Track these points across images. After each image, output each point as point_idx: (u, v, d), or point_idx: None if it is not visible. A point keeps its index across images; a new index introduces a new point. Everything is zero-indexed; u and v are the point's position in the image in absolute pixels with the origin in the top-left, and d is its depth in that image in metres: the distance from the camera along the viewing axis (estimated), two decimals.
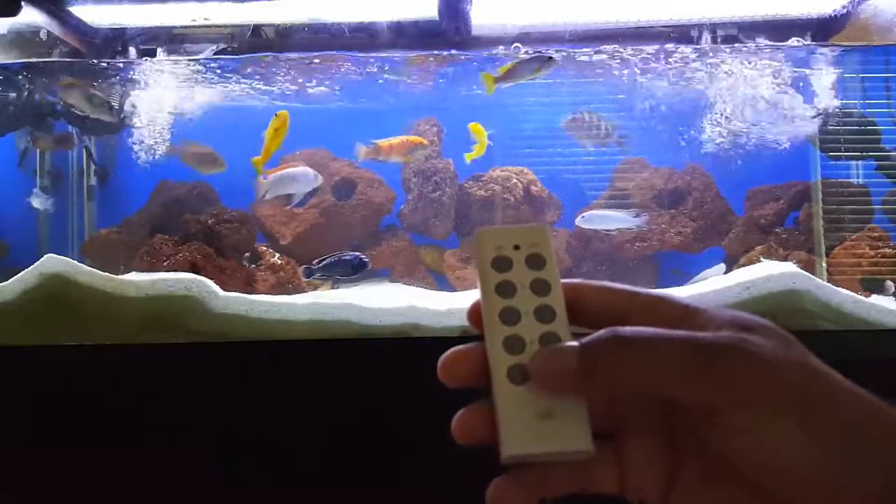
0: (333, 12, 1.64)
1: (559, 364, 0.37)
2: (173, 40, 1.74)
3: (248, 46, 1.73)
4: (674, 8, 1.62)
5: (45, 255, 1.26)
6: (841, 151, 1.88)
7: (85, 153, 2.15)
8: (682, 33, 1.72)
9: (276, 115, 1.72)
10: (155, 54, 1.75)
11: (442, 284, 1.96)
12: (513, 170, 2.06)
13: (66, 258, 1.26)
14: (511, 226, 0.43)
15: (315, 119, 2.09)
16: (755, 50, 1.73)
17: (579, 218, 1.93)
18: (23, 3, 1.39)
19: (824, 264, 1.76)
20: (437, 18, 1.58)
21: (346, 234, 1.99)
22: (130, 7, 1.59)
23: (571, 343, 0.37)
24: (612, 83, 2.00)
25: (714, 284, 1.40)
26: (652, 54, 1.78)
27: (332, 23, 1.67)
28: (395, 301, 1.30)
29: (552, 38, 1.71)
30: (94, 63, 1.78)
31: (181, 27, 1.70)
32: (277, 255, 1.89)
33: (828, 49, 1.73)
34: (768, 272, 1.27)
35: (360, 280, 1.82)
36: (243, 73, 1.91)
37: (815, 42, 1.68)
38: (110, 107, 1.87)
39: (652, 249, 1.97)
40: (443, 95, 2.11)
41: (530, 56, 1.68)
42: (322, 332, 1.20)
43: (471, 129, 1.90)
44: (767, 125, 1.89)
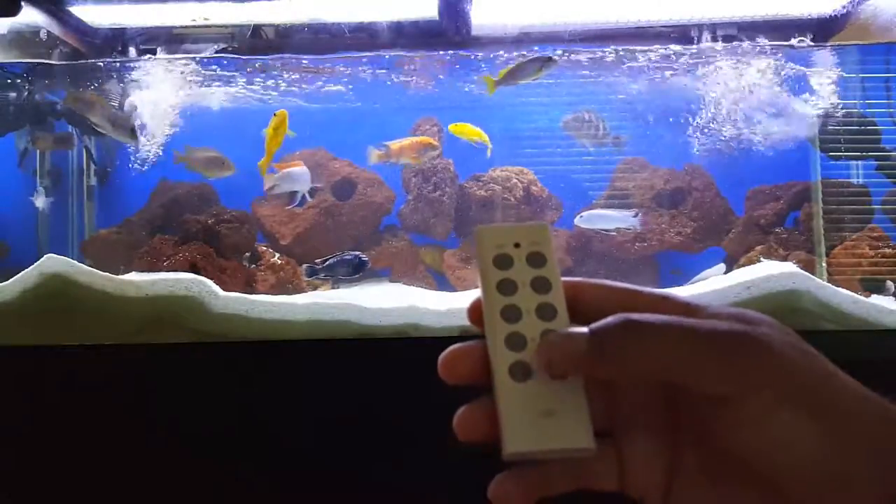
0: (333, 12, 1.64)
1: (570, 346, 0.37)
2: (173, 40, 1.74)
3: (248, 46, 1.73)
4: (674, 8, 1.62)
5: (45, 255, 1.26)
6: (841, 151, 1.88)
7: (85, 153, 2.15)
8: (682, 33, 1.72)
9: (276, 115, 1.72)
10: (155, 54, 1.75)
11: (442, 284, 1.95)
12: (513, 170, 2.05)
13: (66, 258, 1.26)
14: (511, 224, 0.43)
15: (315, 119, 2.09)
16: (755, 50, 1.74)
17: (578, 218, 1.92)
18: (23, 3, 1.39)
19: (824, 264, 1.76)
20: (437, 18, 1.58)
21: (346, 234, 1.99)
22: (130, 7, 1.59)
23: (580, 329, 0.37)
24: (612, 83, 1.99)
25: (714, 284, 1.40)
26: (652, 54, 1.78)
27: (332, 23, 1.67)
28: (395, 301, 1.29)
29: (552, 38, 1.71)
30: (95, 63, 1.78)
31: (181, 27, 1.70)
32: (277, 255, 1.89)
33: (828, 49, 1.73)
34: (768, 272, 1.26)
35: (360, 280, 1.82)
36: (243, 72, 1.91)
37: (815, 42, 1.68)
38: (132, 128, 1.83)
39: (652, 249, 1.97)
40: (443, 95, 2.11)
41: (531, 57, 1.68)
42: (322, 333, 1.20)
43: (460, 132, 1.90)
44: (767, 125, 1.88)
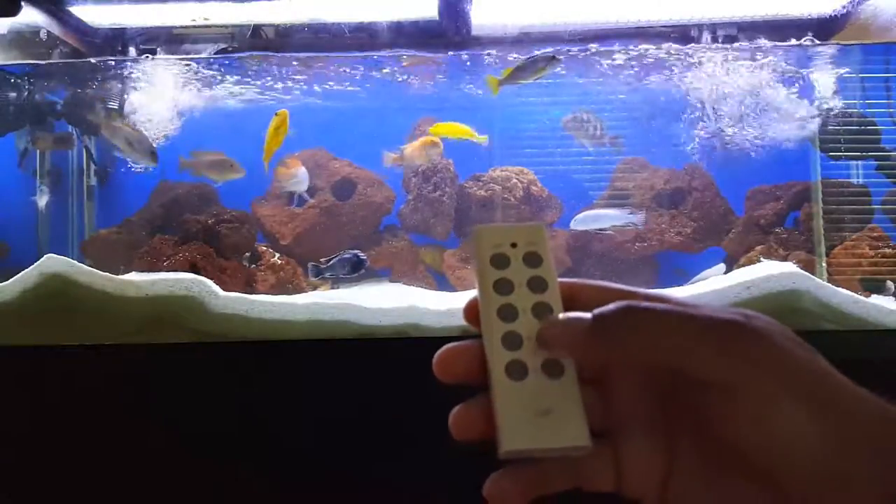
0: (333, 12, 1.64)
1: (573, 324, 0.37)
2: (173, 40, 1.74)
3: (248, 46, 1.73)
4: (674, 8, 1.62)
5: (45, 255, 1.26)
6: (841, 151, 1.88)
7: (85, 153, 2.15)
8: (682, 33, 1.72)
9: (276, 114, 1.73)
10: (155, 54, 1.75)
11: (442, 284, 1.95)
12: (513, 170, 2.05)
13: (66, 258, 1.26)
14: (508, 224, 0.43)
15: (315, 119, 2.09)
16: (755, 49, 1.73)
17: (573, 221, 1.92)
18: (23, 3, 1.39)
19: (824, 264, 1.76)
20: (437, 18, 1.58)
21: (346, 234, 1.99)
22: (130, 7, 1.59)
23: (584, 314, 0.38)
24: (611, 83, 1.99)
25: (714, 284, 1.40)
26: (651, 54, 1.78)
27: (332, 23, 1.67)
28: (395, 301, 1.29)
29: (552, 38, 1.71)
30: (95, 63, 1.78)
31: (181, 27, 1.70)
32: (277, 255, 1.89)
33: (828, 48, 1.73)
34: (768, 272, 1.26)
35: (360, 280, 1.82)
36: (243, 72, 1.91)
37: (815, 42, 1.68)
38: (152, 151, 1.83)
39: (652, 249, 1.97)
40: (443, 95, 2.11)
41: (533, 56, 1.68)
42: (322, 333, 1.20)
43: (445, 132, 1.91)
44: (767, 125, 1.88)
